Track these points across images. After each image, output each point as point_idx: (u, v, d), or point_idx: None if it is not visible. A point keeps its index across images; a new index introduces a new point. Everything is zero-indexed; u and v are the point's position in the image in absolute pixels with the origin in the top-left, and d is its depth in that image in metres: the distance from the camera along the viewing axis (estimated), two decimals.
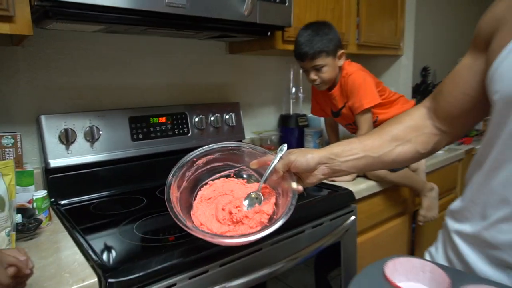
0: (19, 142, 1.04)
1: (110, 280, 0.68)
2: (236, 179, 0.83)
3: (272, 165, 0.72)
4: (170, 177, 0.75)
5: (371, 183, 1.29)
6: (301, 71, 1.60)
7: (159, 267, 0.74)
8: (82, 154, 1.18)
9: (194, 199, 0.79)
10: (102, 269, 0.71)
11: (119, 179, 1.26)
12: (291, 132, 1.74)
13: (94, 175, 1.22)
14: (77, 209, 1.13)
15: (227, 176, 0.84)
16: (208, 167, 0.82)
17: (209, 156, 0.81)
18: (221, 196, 0.78)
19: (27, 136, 1.18)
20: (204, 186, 0.81)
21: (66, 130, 1.14)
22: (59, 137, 1.14)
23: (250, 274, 0.86)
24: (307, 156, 0.70)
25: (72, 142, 1.16)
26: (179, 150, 1.39)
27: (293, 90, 1.79)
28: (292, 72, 1.79)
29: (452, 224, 0.64)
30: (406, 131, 0.70)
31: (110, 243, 0.88)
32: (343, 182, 1.29)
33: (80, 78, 1.26)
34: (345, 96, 1.34)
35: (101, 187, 1.22)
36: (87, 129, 1.18)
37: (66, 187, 1.17)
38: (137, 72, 1.38)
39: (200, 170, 0.81)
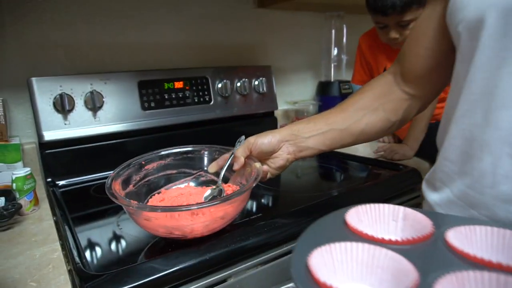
0: (0, 109, 0.85)
1: None
2: (194, 187, 0.76)
3: (231, 154, 0.69)
4: (112, 172, 0.66)
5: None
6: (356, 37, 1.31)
7: (164, 272, 0.52)
8: (82, 126, 0.98)
9: None
10: (80, 277, 0.50)
11: (127, 156, 1.04)
12: (333, 102, 1.46)
13: (98, 150, 1.01)
14: (75, 191, 0.93)
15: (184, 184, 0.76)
16: (160, 174, 0.75)
17: (160, 162, 0.75)
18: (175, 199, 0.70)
19: (18, 104, 0.99)
20: (155, 195, 0.72)
21: (61, 96, 0.93)
22: (54, 104, 0.94)
23: None
24: (268, 136, 0.67)
25: (70, 111, 0.95)
26: (199, 122, 1.16)
27: (335, 52, 1.51)
28: (333, 31, 1.50)
29: (429, 194, 0.57)
30: (372, 100, 0.66)
31: (104, 238, 0.67)
32: (403, 160, 1.03)
33: (79, 33, 1.05)
34: None
35: (106, 165, 1.01)
36: (87, 95, 0.98)
37: (64, 164, 0.97)
38: (148, 28, 1.15)
39: (150, 177, 0.73)
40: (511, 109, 0.43)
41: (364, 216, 0.42)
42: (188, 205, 0.56)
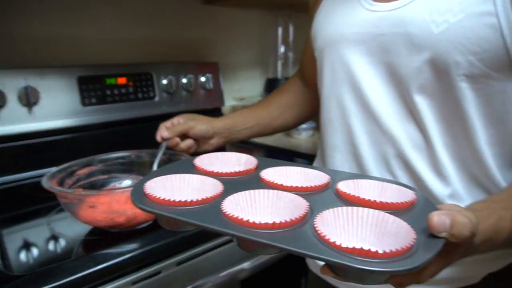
0: None
1: None
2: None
3: (164, 144, 0.75)
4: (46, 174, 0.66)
5: None
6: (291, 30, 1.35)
7: (88, 271, 0.53)
8: (17, 122, 0.94)
9: None
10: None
11: (66, 152, 1.03)
12: None
13: (34, 147, 0.99)
14: (8, 191, 0.90)
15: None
16: (90, 180, 0.75)
17: (91, 167, 0.76)
18: None
19: None
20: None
21: None
22: None
23: None
24: (207, 125, 0.77)
25: (1, 107, 0.92)
26: (143, 118, 1.16)
27: (282, 49, 1.55)
28: (280, 29, 1.54)
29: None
30: (288, 98, 0.82)
31: (34, 238, 0.66)
32: None
33: (13, 25, 1.01)
34: None
35: (43, 162, 0.99)
36: (21, 90, 0.94)
37: None
38: (89, 21, 1.12)
39: (81, 182, 0.74)
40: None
41: (215, 161, 0.49)
42: (128, 187, 0.58)
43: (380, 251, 0.29)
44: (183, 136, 0.77)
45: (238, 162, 0.49)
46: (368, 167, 0.56)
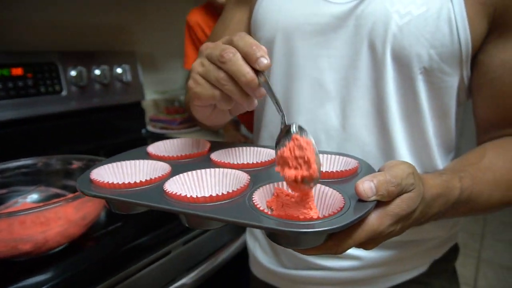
0: None
1: None
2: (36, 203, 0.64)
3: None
4: None
5: None
6: None
7: None
8: None
9: None
10: None
11: None
12: None
13: None
14: None
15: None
16: None
17: None
18: None
19: None
20: None
21: None
22: None
23: None
24: None
25: None
26: (48, 116, 0.99)
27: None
28: None
29: None
30: None
31: None
32: None
33: None
34: None
35: None
36: None
37: None
38: None
39: None
40: (303, 115, 0.53)
41: (170, 147, 0.49)
42: (35, 207, 0.46)
43: (312, 216, 0.32)
44: None
45: (191, 146, 0.49)
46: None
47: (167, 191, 0.34)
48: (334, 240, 0.33)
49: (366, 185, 0.33)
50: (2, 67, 0.90)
